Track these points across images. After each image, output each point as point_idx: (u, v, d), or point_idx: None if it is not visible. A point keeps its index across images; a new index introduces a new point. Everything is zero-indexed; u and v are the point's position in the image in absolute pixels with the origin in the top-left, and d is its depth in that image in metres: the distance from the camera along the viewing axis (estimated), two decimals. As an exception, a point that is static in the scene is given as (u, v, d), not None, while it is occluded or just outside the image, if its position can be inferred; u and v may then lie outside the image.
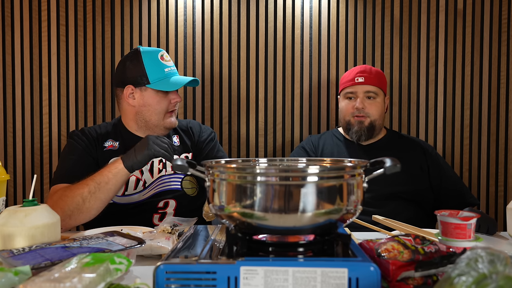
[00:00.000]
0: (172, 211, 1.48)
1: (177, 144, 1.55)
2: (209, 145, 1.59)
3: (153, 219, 1.46)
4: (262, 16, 2.03)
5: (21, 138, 2.02)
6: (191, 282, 0.70)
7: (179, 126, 1.61)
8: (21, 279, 0.73)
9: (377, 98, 1.68)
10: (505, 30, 2.02)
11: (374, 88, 1.67)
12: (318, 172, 0.75)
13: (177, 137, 1.57)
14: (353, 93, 1.68)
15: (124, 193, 1.45)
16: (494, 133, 2.05)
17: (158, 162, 1.50)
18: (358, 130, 1.66)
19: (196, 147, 1.58)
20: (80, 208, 1.25)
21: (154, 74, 1.45)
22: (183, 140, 1.58)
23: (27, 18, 2.00)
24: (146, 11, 2.02)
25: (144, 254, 0.97)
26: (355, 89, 1.68)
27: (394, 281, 0.74)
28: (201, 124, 1.66)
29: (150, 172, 1.48)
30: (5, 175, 1.19)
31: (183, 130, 1.60)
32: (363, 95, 1.67)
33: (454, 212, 0.89)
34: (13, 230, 0.92)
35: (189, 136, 1.59)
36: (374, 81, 1.67)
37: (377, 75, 1.70)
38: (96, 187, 1.25)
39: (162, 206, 1.47)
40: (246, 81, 2.05)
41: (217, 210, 0.80)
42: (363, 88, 1.67)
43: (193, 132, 1.60)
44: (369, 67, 1.72)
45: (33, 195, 1.04)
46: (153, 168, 1.49)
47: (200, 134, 1.60)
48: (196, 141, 1.59)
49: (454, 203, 1.61)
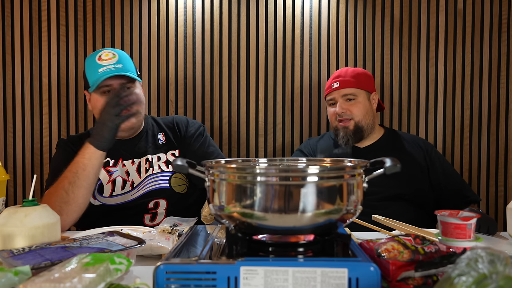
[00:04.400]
0: (163, 211, 1.45)
1: (163, 142, 1.53)
2: (198, 140, 1.55)
3: (144, 220, 1.44)
4: (262, 16, 2.03)
5: (21, 138, 2.02)
6: (191, 282, 0.70)
7: (164, 123, 1.58)
8: (21, 279, 0.73)
9: (358, 98, 1.67)
10: (505, 30, 2.02)
11: (351, 90, 1.67)
12: (318, 172, 0.75)
13: (162, 135, 1.55)
14: (333, 99, 1.70)
15: (112, 193, 1.44)
16: (494, 133, 2.05)
17: (144, 161, 1.48)
18: (344, 136, 1.67)
19: (183, 143, 1.54)
20: (66, 200, 1.23)
21: (91, 77, 1.42)
22: (169, 137, 1.55)
23: (27, 18, 2.00)
24: (146, 11, 2.02)
25: (144, 254, 0.97)
26: (333, 95, 1.70)
27: (394, 281, 0.74)
28: (188, 119, 1.61)
29: (138, 172, 1.47)
30: (5, 175, 1.19)
31: (168, 127, 1.57)
32: (342, 99, 1.68)
33: (454, 212, 0.89)
34: (13, 230, 0.92)
35: (174, 132, 1.56)
36: (349, 83, 1.67)
37: (354, 76, 1.69)
38: (74, 176, 1.24)
39: (153, 207, 1.46)
40: (246, 81, 2.04)
41: (217, 210, 0.80)
42: (339, 93, 1.68)
43: (179, 127, 1.57)
44: (344, 70, 1.72)
45: (33, 195, 1.04)
46: (140, 168, 1.48)
47: (187, 129, 1.56)
48: (183, 136, 1.55)
49: (455, 201, 1.60)
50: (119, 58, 1.43)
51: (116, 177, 1.45)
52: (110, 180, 1.44)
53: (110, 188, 1.44)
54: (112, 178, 1.45)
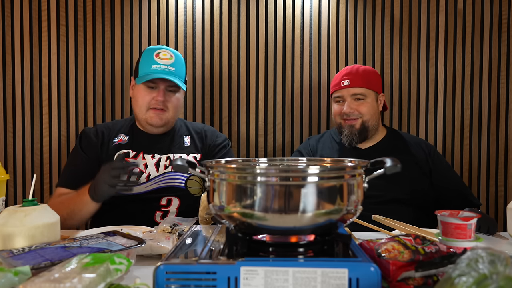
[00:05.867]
0: (175, 210, 1.48)
1: (188, 144, 1.59)
2: (221, 151, 1.61)
3: (155, 217, 1.47)
4: (262, 16, 2.03)
5: (21, 138, 2.02)
6: (191, 282, 0.70)
7: (193, 128, 1.65)
8: (21, 279, 0.73)
9: (367, 98, 1.64)
10: (505, 30, 2.02)
11: (361, 90, 1.64)
12: (318, 172, 0.75)
13: (188, 138, 1.61)
14: (341, 97, 1.67)
15: None
16: (494, 133, 2.05)
17: (165, 158, 1.53)
18: (349, 134, 1.64)
19: (207, 150, 1.60)
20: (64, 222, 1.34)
21: (143, 69, 1.50)
22: (194, 141, 1.61)
23: (27, 18, 2.00)
24: (146, 11, 2.01)
25: (144, 254, 0.97)
26: (341, 93, 1.66)
27: (395, 281, 0.74)
28: (216, 130, 1.70)
29: (156, 166, 1.51)
30: (5, 175, 1.19)
31: (196, 132, 1.64)
32: (350, 98, 1.64)
33: (455, 212, 0.89)
34: (13, 230, 0.92)
35: (201, 139, 1.62)
36: (360, 82, 1.64)
37: (364, 75, 1.65)
38: (72, 212, 1.36)
39: (165, 204, 1.48)
40: (246, 81, 2.04)
41: (217, 210, 0.80)
42: (349, 91, 1.64)
43: (206, 135, 1.64)
44: (356, 68, 1.68)
45: (33, 195, 1.04)
46: (159, 163, 1.52)
47: (214, 139, 1.64)
48: (208, 145, 1.62)
49: (456, 203, 1.59)
50: (175, 61, 1.52)
51: None
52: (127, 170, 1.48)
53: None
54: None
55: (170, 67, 1.50)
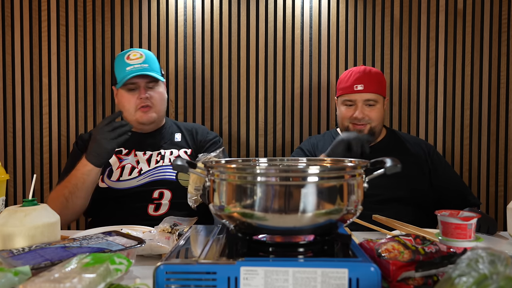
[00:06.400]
0: (167, 202, 1.50)
1: (179, 140, 1.64)
2: (212, 146, 1.64)
3: (148, 209, 1.49)
4: (262, 16, 2.03)
5: (21, 138, 2.02)
6: (191, 282, 0.70)
7: (184, 126, 1.70)
8: (21, 279, 0.73)
9: (377, 104, 1.62)
10: (505, 30, 2.02)
11: (374, 96, 1.60)
12: (318, 172, 0.75)
13: (179, 135, 1.66)
14: (352, 101, 1.62)
15: (119, 178, 1.52)
16: (494, 133, 2.05)
17: (156, 154, 1.57)
18: None
19: (198, 145, 1.64)
20: (66, 206, 1.39)
21: (119, 74, 1.56)
22: (185, 137, 1.66)
23: (27, 18, 2.00)
24: (146, 11, 2.01)
25: (144, 254, 0.97)
26: (354, 97, 1.61)
27: (395, 282, 0.74)
28: (208, 130, 1.74)
29: (148, 162, 1.56)
30: (5, 175, 1.19)
31: (187, 129, 1.69)
32: (362, 103, 1.60)
33: (455, 212, 0.89)
34: (13, 230, 0.92)
35: (191, 135, 1.67)
36: (374, 87, 1.60)
37: (377, 79, 1.63)
38: (74, 187, 1.38)
39: (157, 197, 1.51)
40: (246, 81, 2.04)
41: (217, 210, 0.80)
42: (362, 97, 1.60)
43: (197, 132, 1.68)
44: (368, 70, 1.64)
45: (33, 195, 1.04)
46: (151, 158, 1.57)
47: (205, 135, 1.68)
48: (199, 140, 1.65)
49: (456, 203, 1.59)
50: (145, 58, 1.57)
51: (126, 164, 1.55)
52: (119, 166, 1.54)
53: (119, 173, 1.53)
54: (121, 164, 1.54)
55: (142, 64, 1.55)
